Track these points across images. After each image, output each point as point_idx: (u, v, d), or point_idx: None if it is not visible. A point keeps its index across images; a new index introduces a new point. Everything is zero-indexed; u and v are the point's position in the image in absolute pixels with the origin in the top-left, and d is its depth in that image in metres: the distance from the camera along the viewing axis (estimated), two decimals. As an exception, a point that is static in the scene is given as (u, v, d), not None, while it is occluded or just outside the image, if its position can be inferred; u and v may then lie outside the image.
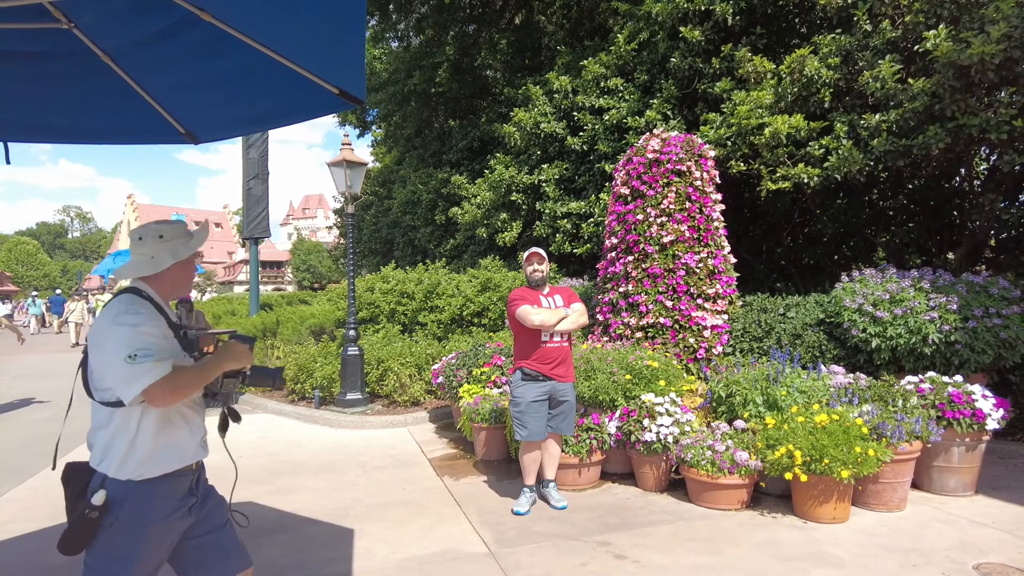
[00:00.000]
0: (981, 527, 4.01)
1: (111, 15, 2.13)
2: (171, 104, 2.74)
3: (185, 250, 2.08)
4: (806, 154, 7.15)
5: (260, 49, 2.04)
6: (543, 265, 4.50)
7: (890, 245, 9.04)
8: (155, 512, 1.96)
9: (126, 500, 1.91)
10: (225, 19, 1.95)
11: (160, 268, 2.03)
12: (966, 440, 4.49)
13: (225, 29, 1.99)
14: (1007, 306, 5.24)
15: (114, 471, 1.91)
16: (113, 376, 1.86)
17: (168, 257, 2.04)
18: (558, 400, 4.41)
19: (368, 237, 17.88)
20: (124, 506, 1.91)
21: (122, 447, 1.91)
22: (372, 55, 17.15)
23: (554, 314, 4.31)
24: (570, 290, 4.61)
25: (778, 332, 6.01)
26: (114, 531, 1.90)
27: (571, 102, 9.92)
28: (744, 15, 8.11)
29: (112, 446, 1.92)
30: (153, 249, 2.04)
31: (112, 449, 1.92)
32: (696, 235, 6.22)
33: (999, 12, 5.59)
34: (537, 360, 4.37)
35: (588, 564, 3.58)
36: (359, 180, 8.23)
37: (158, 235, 2.06)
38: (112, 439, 1.92)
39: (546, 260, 4.55)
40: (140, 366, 1.83)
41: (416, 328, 9.56)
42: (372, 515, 4.42)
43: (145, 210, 70.21)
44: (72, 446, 6.43)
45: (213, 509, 2.18)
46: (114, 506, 1.90)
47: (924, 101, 6.17)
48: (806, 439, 4.09)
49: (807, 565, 3.51)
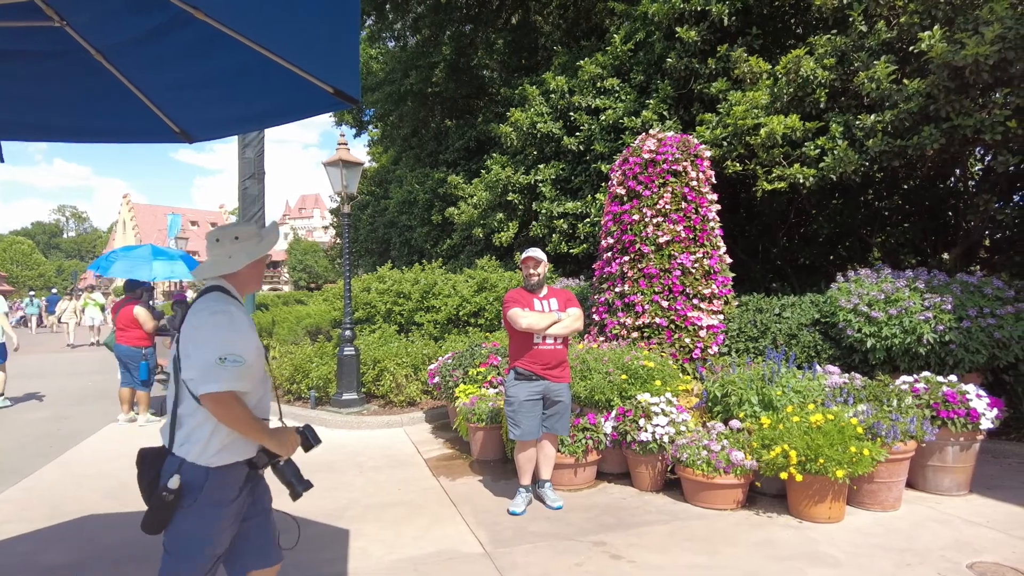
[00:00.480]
0: (975, 526, 4.02)
1: (104, 13, 2.12)
2: (165, 103, 2.73)
3: (258, 250, 2.26)
4: (802, 154, 7.17)
5: (254, 48, 2.03)
6: (539, 268, 4.48)
7: (885, 245, 9.07)
8: (228, 495, 2.10)
9: (204, 484, 2.03)
10: (219, 17, 1.94)
11: (237, 267, 2.22)
12: (960, 440, 4.51)
13: (219, 27, 1.99)
14: (1001, 306, 5.27)
15: (194, 456, 2.03)
16: (197, 368, 1.99)
17: (244, 257, 2.23)
18: (552, 400, 4.41)
19: (364, 237, 17.85)
20: (202, 490, 2.03)
21: (204, 435, 2.04)
22: (369, 55, 17.13)
23: (543, 318, 4.30)
24: (568, 293, 4.58)
25: (774, 332, 6.02)
26: (191, 513, 2.03)
27: (567, 102, 9.93)
28: (740, 16, 8.12)
29: (195, 433, 2.04)
30: (230, 249, 2.23)
31: (195, 436, 2.04)
32: (692, 235, 6.22)
33: (993, 13, 5.61)
34: (530, 360, 4.38)
35: (584, 564, 3.57)
36: (355, 180, 8.22)
37: (234, 236, 2.25)
38: (197, 427, 2.04)
39: (543, 263, 4.51)
40: (225, 370, 1.97)
41: (412, 328, 9.55)
42: (369, 515, 4.42)
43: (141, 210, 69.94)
44: (69, 446, 6.43)
45: (262, 493, 2.32)
46: (192, 490, 2.02)
47: (919, 102, 6.19)
48: (801, 439, 4.10)
49: (803, 565, 3.51)
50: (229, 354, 1.98)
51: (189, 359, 2.02)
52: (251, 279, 2.30)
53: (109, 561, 3.72)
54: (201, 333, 2.03)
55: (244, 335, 2.08)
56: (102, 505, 4.70)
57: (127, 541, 3.99)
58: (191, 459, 2.02)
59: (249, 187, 13.54)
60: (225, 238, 2.25)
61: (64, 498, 4.87)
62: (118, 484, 5.15)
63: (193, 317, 2.08)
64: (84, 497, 4.89)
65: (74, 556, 3.80)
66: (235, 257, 2.22)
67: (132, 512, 4.53)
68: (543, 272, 4.50)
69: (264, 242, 2.29)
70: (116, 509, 4.61)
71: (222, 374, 1.96)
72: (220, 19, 1.95)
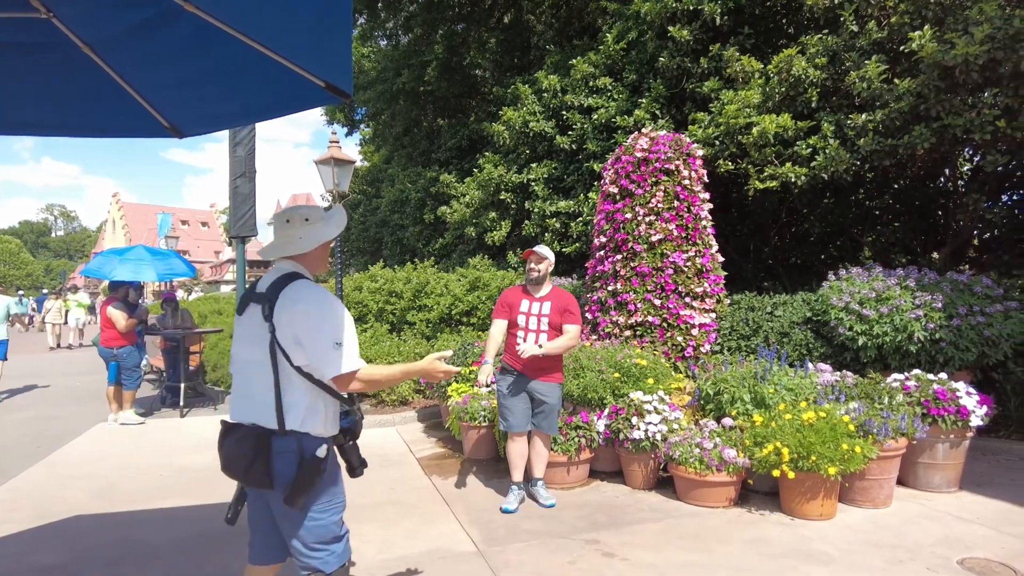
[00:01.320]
0: (965, 523, 4.04)
1: (92, 6, 2.09)
2: (155, 97, 2.69)
3: (327, 232, 2.29)
4: (793, 153, 7.20)
5: (244, 41, 2.00)
6: (541, 265, 4.42)
7: (876, 244, 9.13)
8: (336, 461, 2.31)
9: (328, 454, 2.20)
10: (209, 10, 1.91)
11: (307, 248, 2.26)
12: (950, 437, 4.53)
13: (209, 20, 1.96)
14: (990, 304, 5.30)
15: (318, 431, 2.17)
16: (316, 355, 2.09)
17: (314, 238, 2.26)
18: (538, 399, 4.39)
19: (356, 236, 17.79)
20: (329, 459, 2.21)
21: (321, 409, 2.17)
22: (361, 53, 17.06)
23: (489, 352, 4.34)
24: (568, 301, 4.42)
25: (766, 330, 6.04)
26: (326, 481, 2.19)
27: (560, 101, 9.93)
28: (732, 15, 8.14)
29: (311, 412, 2.15)
30: (300, 230, 2.26)
31: (314, 412, 2.15)
32: (684, 234, 6.23)
33: (982, 14, 5.65)
34: (509, 355, 4.42)
35: (577, 562, 3.57)
36: (347, 178, 8.19)
37: (304, 218, 2.28)
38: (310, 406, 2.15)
39: (546, 260, 4.43)
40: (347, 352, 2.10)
41: (404, 327, 9.52)
42: (360, 515, 4.38)
43: (131, 209, 69.39)
44: (57, 445, 6.36)
45: None
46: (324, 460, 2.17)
47: (909, 101, 6.23)
48: (793, 436, 4.11)
49: (795, 562, 3.52)
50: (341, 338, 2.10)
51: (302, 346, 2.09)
52: (320, 261, 2.36)
53: (100, 561, 3.68)
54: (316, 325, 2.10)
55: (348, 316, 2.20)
56: (91, 505, 4.65)
57: (118, 541, 3.95)
58: (315, 433, 2.15)
59: (240, 186, 13.42)
60: (296, 219, 2.28)
61: (52, 498, 4.81)
62: (106, 484, 5.10)
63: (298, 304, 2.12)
64: (72, 497, 4.83)
65: (65, 556, 3.76)
66: (305, 239, 2.25)
67: (122, 512, 4.49)
68: (544, 270, 4.44)
69: (332, 223, 2.33)
70: (105, 509, 4.56)
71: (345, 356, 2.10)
72: (210, 12, 1.93)
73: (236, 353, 2.29)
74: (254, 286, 2.26)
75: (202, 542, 3.91)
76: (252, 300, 2.23)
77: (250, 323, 2.20)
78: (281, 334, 2.10)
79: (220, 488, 4.97)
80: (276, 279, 2.19)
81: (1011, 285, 5.89)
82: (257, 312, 2.17)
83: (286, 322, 2.10)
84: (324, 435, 2.19)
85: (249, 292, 2.26)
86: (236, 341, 2.30)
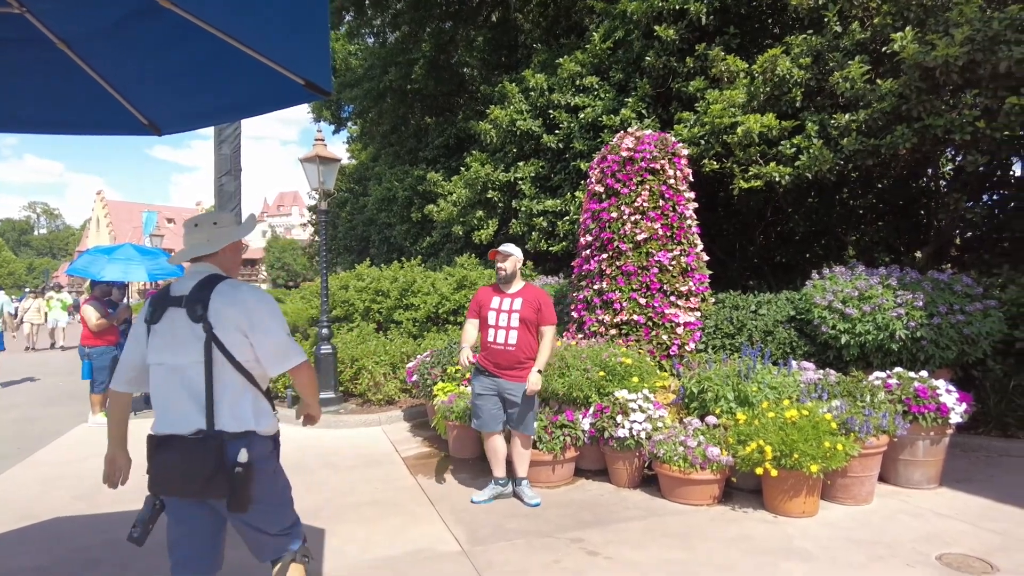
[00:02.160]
0: (945, 519, 4.09)
1: (67, 1, 2.06)
2: (132, 94, 2.66)
3: (237, 233, 2.34)
4: (778, 153, 7.24)
5: (222, 37, 1.99)
6: (506, 263, 4.43)
7: (860, 243, 9.21)
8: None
9: (273, 449, 2.25)
10: (186, 6, 1.89)
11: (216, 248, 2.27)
12: (931, 434, 4.59)
13: (186, 17, 1.94)
14: (970, 303, 5.37)
15: (264, 428, 2.19)
16: (273, 346, 2.15)
17: (224, 238, 2.29)
18: (508, 399, 4.40)
19: (343, 235, 17.70)
20: (275, 454, 2.26)
21: (265, 407, 2.22)
22: (348, 51, 16.98)
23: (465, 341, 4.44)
24: (537, 295, 4.43)
25: (750, 329, 6.07)
26: (279, 475, 2.26)
27: (547, 100, 9.92)
28: (718, 15, 8.18)
29: (259, 407, 2.19)
30: (209, 233, 2.29)
31: (260, 411, 2.19)
32: (669, 233, 6.25)
33: (963, 15, 5.72)
34: (484, 356, 4.46)
35: (561, 561, 3.57)
36: (332, 176, 8.14)
37: (212, 222, 2.32)
38: (256, 401, 2.18)
39: (511, 257, 4.43)
40: (295, 342, 2.22)
41: (391, 326, 9.49)
42: (344, 515, 4.37)
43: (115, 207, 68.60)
44: (38, 446, 6.28)
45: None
46: (272, 456, 2.23)
47: (892, 101, 6.29)
48: (776, 434, 4.14)
49: (777, 559, 3.55)
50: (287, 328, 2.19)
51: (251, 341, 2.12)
52: (233, 265, 2.36)
53: (82, 563, 3.64)
54: (263, 319, 2.14)
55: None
56: (73, 507, 4.60)
57: (100, 543, 3.91)
58: (262, 431, 2.17)
59: (225, 184, 13.31)
60: (204, 223, 2.31)
61: (33, 499, 4.76)
62: (88, 485, 5.04)
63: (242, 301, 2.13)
64: (54, 498, 4.77)
65: (46, 558, 3.72)
66: (213, 240, 2.27)
67: (104, 514, 4.44)
68: (510, 267, 4.43)
69: (243, 227, 2.38)
70: (87, 511, 4.51)
71: (296, 346, 2.21)
72: (187, 8, 1.91)
73: (160, 361, 2.17)
74: (166, 292, 2.20)
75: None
76: (170, 305, 2.16)
77: (173, 328, 2.13)
78: (223, 331, 2.09)
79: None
80: (200, 281, 2.17)
81: (990, 284, 5.97)
82: (181, 315, 2.11)
83: (230, 318, 2.10)
84: (270, 432, 2.22)
85: (163, 299, 2.18)
86: (155, 350, 2.18)
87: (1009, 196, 8.03)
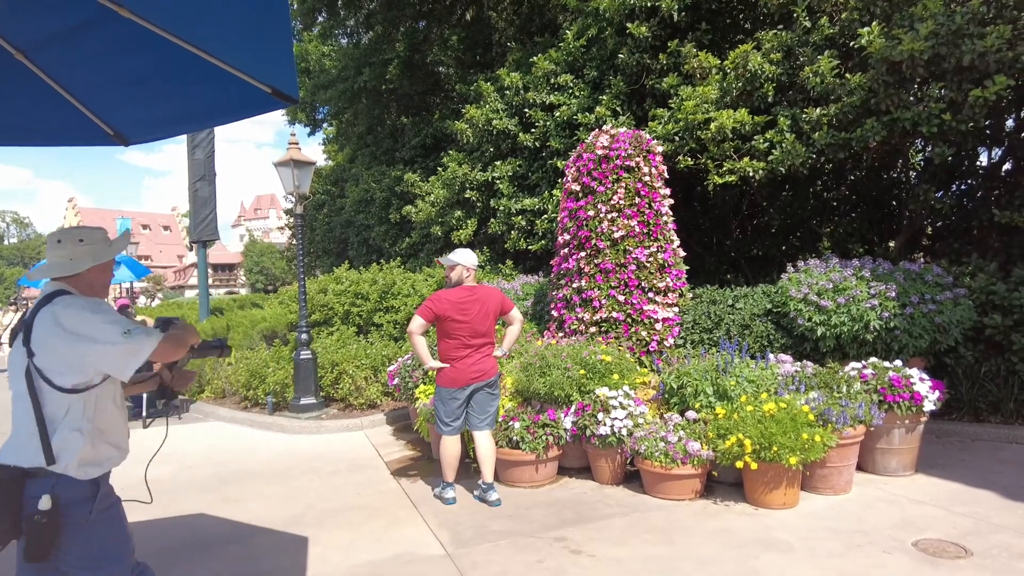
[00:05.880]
0: (920, 505, 4.17)
1: (20, 10, 2.01)
2: (96, 104, 2.61)
3: (104, 253, 2.14)
4: (751, 148, 7.31)
5: (183, 45, 1.95)
6: (452, 273, 4.59)
7: (834, 235, 9.32)
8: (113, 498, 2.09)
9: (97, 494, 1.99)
10: (143, 15, 1.85)
11: (78, 270, 2.08)
12: (906, 422, 4.67)
13: (144, 25, 1.90)
14: (941, 292, 5.47)
15: (75, 470, 1.93)
16: (112, 355, 1.90)
17: (88, 260, 2.09)
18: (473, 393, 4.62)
19: (321, 237, 17.54)
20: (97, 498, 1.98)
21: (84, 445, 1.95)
22: (321, 52, 16.81)
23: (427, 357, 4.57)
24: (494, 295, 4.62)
25: (727, 323, 6.13)
26: (96, 523, 1.97)
27: (522, 99, 9.92)
28: (689, 11, 8.23)
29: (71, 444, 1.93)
30: (72, 251, 2.09)
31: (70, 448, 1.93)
32: (646, 230, 6.28)
33: (927, 10, 5.82)
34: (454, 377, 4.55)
35: (545, 561, 3.58)
36: (307, 179, 8.06)
37: (78, 239, 2.12)
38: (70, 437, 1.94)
39: (456, 266, 4.56)
40: (138, 338, 1.90)
41: (372, 329, 9.43)
42: (327, 521, 4.34)
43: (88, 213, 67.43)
44: None
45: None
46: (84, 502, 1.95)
47: (861, 95, 6.38)
48: (755, 428, 4.18)
49: (757, 551, 3.59)
50: (127, 327, 1.91)
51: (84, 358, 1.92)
52: (95, 285, 2.15)
53: None
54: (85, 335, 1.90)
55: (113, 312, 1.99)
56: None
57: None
58: (73, 474, 1.92)
59: (200, 189, 13.16)
60: (68, 240, 2.10)
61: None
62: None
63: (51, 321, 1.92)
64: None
65: None
66: (76, 260, 2.08)
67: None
68: (456, 277, 4.56)
69: (112, 247, 2.17)
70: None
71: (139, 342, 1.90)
72: (145, 16, 1.87)
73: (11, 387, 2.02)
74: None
75: (165, 558, 3.81)
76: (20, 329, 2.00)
77: (15, 353, 1.98)
78: (42, 357, 1.91)
79: (183, 501, 4.87)
80: (38, 302, 2.00)
81: (960, 272, 6.09)
82: (19, 340, 1.96)
83: (49, 344, 1.91)
84: (83, 477, 1.95)
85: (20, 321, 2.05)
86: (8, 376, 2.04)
87: (976, 186, 8.19)
